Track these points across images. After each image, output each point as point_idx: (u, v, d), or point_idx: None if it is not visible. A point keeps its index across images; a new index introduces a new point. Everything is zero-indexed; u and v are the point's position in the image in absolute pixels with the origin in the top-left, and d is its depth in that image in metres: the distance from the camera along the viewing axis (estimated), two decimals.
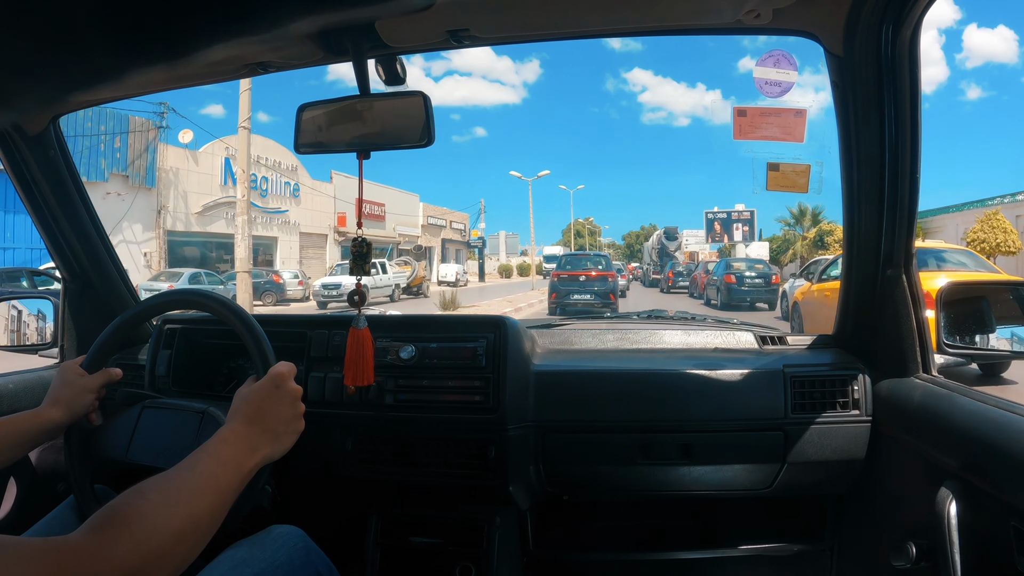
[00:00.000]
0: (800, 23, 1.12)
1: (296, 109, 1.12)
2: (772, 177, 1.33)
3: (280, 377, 0.95)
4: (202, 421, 1.07)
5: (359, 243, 1.18)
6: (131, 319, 1.17)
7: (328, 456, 1.36)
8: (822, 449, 1.31)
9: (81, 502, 1.09)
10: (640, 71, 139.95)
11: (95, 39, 0.69)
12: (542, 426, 1.33)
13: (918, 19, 1.02)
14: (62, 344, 1.61)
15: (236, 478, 0.81)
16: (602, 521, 1.63)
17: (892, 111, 1.10)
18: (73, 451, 1.10)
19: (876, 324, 1.30)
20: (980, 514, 0.95)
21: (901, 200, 1.16)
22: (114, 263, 1.63)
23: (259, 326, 1.07)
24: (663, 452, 1.33)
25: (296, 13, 0.86)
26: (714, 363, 1.38)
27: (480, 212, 47.19)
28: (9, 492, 1.40)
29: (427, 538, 1.42)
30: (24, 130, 1.36)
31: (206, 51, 0.95)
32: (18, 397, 1.40)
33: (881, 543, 1.25)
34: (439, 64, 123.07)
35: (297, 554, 0.98)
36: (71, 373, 1.10)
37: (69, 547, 0.61)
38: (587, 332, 1.59)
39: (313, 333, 1.40)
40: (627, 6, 1.11)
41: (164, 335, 1.46)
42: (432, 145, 1.06)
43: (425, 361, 1.34)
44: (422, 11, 0.96)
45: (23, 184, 1.44)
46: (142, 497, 0.69)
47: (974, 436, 0.98)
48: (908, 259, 1.21)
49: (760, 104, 1.33)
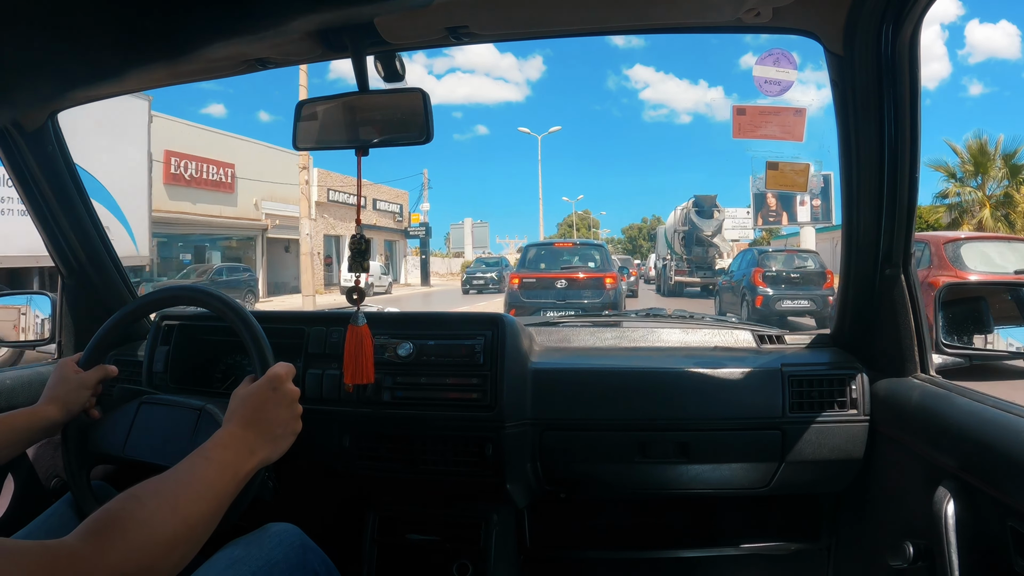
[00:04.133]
0: (800, 22, 1.12)
1: (295, 106, 1.12)
2: (771, 176, 1.33)
3: (278, 379, 0.95)
4: (199, 418, 1.07)
5: (358, 240, 1.18)
6: (128, 315, 1.17)
7: (325, 453, 1.36)
8: (820, 448, 1.31)
9: (78, 498, 1.09)
10: (642, 68, 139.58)
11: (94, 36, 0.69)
12: (540, 424, 1.34)
13: (918, 18, 1.02)
14: (60, 340, 1.61)
15: (233, 482, 0.81)
16: (600, 519, 1.63)
17: (892, 110, 1.10)
18: (70, 447, 1.11)
19: (874, 323, 1.30)
20: (978, 514, 0.96)
21: (900, 199, 1.16)
22: (112, 259, 1.62)
23: (257, 324, 1.07)
24: (661, 450, 1.34)
25: (296, 10, 0.86)
26: (712, 362, 1.38)
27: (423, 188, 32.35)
28: (6, 488, 1.40)
29: (424, 535, 1.42)
30: (22, 126, 1.36)
31: (205, 48, 0.96)
32: (15, 393, 1.40)
33: (878, 542, 1.26)
34: (442, 61, 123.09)
35: (293, 552, 0.98)
36: (67, 370, 1.10)
37: (64, 551, 0.61)
38: (585, 330, 1.59)
39: (311, 330, 1.40)
40: (626, 4, 1.11)
41: (162, 331, 1.46)
42: (431, 142, 1.04)
43: (423, 358, 1.34)
44: (421, 8, 0.96)
45: (21, 180, 1.44)
46: (138, 502, 0.69)
47: (972, 436, 0.98)
48: (907, 258, 1.21)
49: (760, 103, 1.33)
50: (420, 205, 32.19)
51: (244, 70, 1.21)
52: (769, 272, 10.91)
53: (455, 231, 40.80)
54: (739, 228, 27.90)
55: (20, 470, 1.42)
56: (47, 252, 1.56)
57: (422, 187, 32.20)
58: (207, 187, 20.55)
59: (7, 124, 1.34)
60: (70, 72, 0.96)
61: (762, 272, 10.91)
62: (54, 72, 0.94)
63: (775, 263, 11.15)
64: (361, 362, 1.20)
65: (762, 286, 10.76)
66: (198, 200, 20.16)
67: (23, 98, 1.20)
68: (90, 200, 1.55)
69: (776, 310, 10.48)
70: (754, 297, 10.73)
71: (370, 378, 1.21)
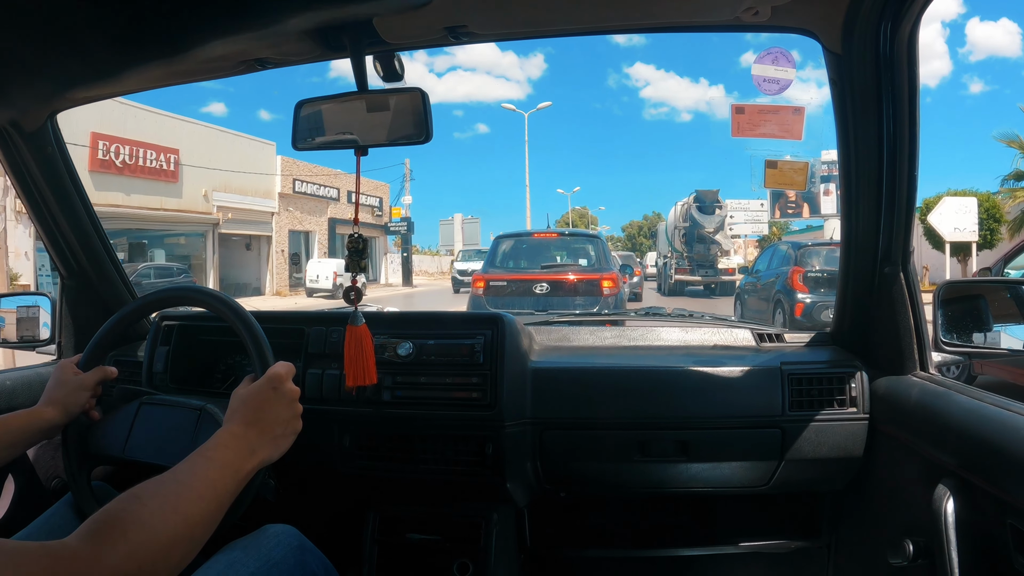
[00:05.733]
0: (798, 21, 1.12)
1: (294, 106, 1.12)
2: (770, 175, 1.33)
3: (278, 379, 0.95)
4: (199, 418, 1.07)
5: (355, 239, 1.18)
6: (128, 316, 1.17)
7: (325, 453, 1.36)
8: (819, 446, 1.31)
9: (78, 499, 1.09)
10: (643, 66, 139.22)
11: (93, 36, 0.69)
12: (540, 423, 1.34)
13: (917, 16, 1.02)
14: (59, 341, 1.61)
15: (233, 482, 0.81)
16: (600, 518, 1.63)
17: (890, 109, 1.10)
18: (70, 448, 1.11)
19: (874, 321, 1.30)
20: (977, 511, 0.96)
21: (899, 198, 1.16)
22: (112, 260, 1.62)
23: (257, 323, 1.07)
24: (661, 449, 1.34)
25: (294, 9, 0.86)
26: (712, 360, 1.38)
27: (405, 179, 28.49)
28: (7, 489, 1.40)
29: (425, 535, 1.43)
30: (22, 126, 1.36)
31: (204, 48, 0.96)
32: (16, 394, 1.40)
33: (878, 540, 1.26)
34: (443, 59, 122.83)
35: (292, 553, 0.98)
36: (66, 372, 1.10)
37: (65, 553, 0.61)
38: (585, 329, 1.59)
39: (311, 329, 1.40)
40: (625, 3, 1.11)
41: (162, 331, 1.46)
42: (430, 142, 1.05)
43: (422, 358, 1.34)
44: (420, 7, 0.96)
45: (21, 181, 1.44)
46: (139, 502, 0.69)
47: (971, 434, 0.98)
48: (906, 256, 1.21)
49: (760, 101, 1.33)
50: (402, 198, 28.72)
51: (243, 70, 1.21)
52: (811, 272, 8.38)
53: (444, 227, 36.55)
54: (752, 222, 24.18)
55: (20, 471, 1.42)
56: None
57: (404, 179, 28.67)
58: (145, 175, 17.61)
59: (6, 124, 1.34)
60: (69, 72, 0.96)
61: (802, 273, 8.41)
62: (53, 72, 0.94)
63: (818, 260, 8.56)
64: (362, 363, 1.20)
65: (802, 291, 8.33)
66: (133, 190, 17.29)
67: (22, 98, 1.20)
68: (90, 201, 1.55)
69: (823, 321, 7.64)
70: (792, 304, 8.34)
71: (372, 379, 1.21)
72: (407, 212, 28.24)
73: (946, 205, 11.84)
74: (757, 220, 24.06)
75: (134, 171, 17.34)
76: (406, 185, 28.45)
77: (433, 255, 41.94)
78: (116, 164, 16.84)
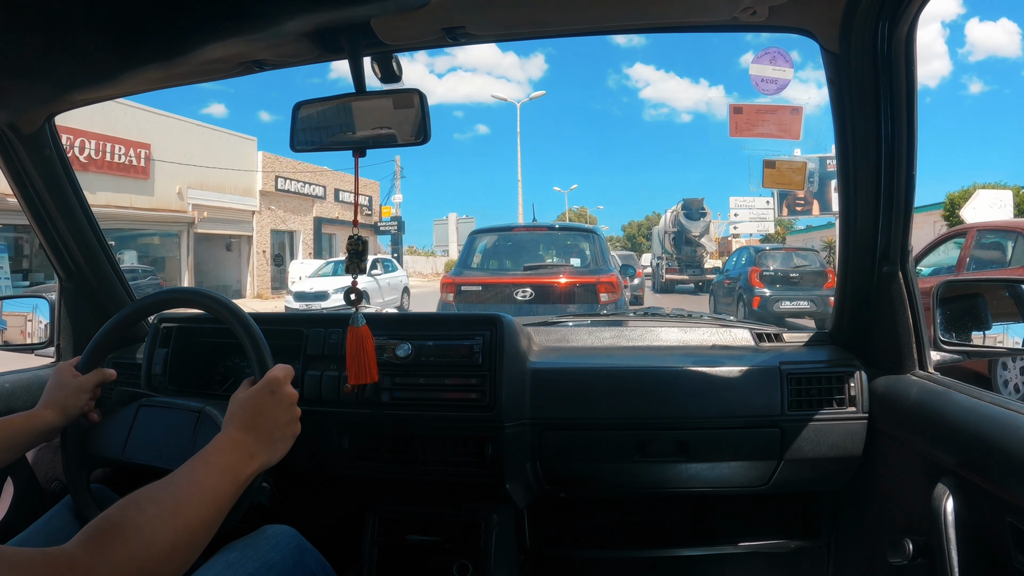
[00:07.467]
0: (796, 20, 1.12)
1: (292, 107, 1.12)
2: (768, 174, 1.33)
3: (276, 382, 0.95)
4: (198, 420, 1.07)
5: (355, 241, 1.18)
6: (126, 318, 1.17)
7: (324, 454, 1.36)
8: (819, 446, 1.31)
9: (78, 502, 1.09)
10: (642, 66, 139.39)
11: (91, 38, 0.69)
12: (539, 423, 1.34)
13: (914, 15, 1.02)
14: (58, 343, 1.61)
15: (232, 487, 0.81)
16: (599, 518, 1.63)
17: (888, 108, 1.10)
18: (69, 451, 1.10)
19: (872, 321, 1.30)
20: (977, 510, 0.96)
21: (897, 197, 1.16)
22: (110, 262, 1.62)
23: (256, 325, 1.07)
24: (660, 449, 1.34)
25: (292, 11, 0.86)
26: (711, 360, 1.38)
27: (395, 177, 27.35)
28: (6, 492, 1.40)
29: (424, 536, 1.42)
30: (20, 129, 1.36)
31: (202, 50, 0.96)
32: (15, 397, 1.40)
33: (878, 539, 1.26)
34: (443, 60, 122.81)
35: (291, 554, 0.98)
36: (65, 374, 1.10)
37: (64, 559, 0.61)
38: (584, 329, 1.59)
39: (309, 331, 1.40)
40: (622, 3, 1.11)
41: (160, 333, 1.46)
42: (428, 142, 1.06)
43: (421, 359, 1.34)
44: (418, 9, 0.96)
45: (19, 183, 1.44)
46: (138, 508, 0.69)
47: (970, 433, 0.98)
48: (904, 256, 1.21)
49: (759, 101, 1.33)
50: (392, 197, 27.14)
51: (241, 72, 1.21)
52: (767, 272, 10.45)
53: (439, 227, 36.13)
54: (758, 220, 23.67)
55: (19, 473, 1.41)
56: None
57: (394, 176, 27.19)
58: (112, 171, 16.23)
59: (4, 127, 1.34)
60: (67, 75, 0.96)
61: (759, 272, 10.45)
62: (51, 75, 0.94)
63: (773, 262, 10.74)
64: (363, 362, 1.21)
65: (759, 286, 10.32)
66: (99, 188, 15.76)
67: (20, 101, 1.20)
68: (87, 203, 1.55)
69: (774, 312, 9.95)
70: (751, 298, 10.30)
71: (374, 377, 1.22)
72: (397, 211, 26.93)
73: (980, 199, 11.58)
74: (762, 218, 23.49)
75: (100, 167, 16.06)
76: (397, 183, 27.25)
77: (427, 255, 41.14)
78: (80, 159, 15.63)
